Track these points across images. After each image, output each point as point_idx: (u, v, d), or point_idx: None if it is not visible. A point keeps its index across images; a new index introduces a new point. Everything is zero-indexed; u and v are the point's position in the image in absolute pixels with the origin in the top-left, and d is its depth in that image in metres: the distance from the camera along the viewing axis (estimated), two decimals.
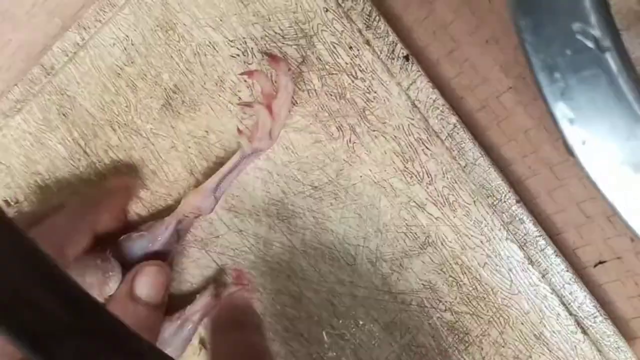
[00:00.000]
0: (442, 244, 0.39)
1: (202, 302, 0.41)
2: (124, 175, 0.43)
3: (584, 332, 0.37)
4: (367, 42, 0.38)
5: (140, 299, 0.37)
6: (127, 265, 0.39)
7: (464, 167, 0.38)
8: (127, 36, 0.42)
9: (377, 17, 0.38)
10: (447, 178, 0.38)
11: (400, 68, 0.38)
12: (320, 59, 0.39)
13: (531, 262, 0.37)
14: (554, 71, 0.24)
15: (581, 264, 0.39)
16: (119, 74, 0.43)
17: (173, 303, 0.41)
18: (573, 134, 0.24)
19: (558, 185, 0.38)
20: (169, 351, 0.39)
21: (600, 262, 0.38)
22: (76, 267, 0.35)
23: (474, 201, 0.38)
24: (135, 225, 0.42)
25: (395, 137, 0.39)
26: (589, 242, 0.38)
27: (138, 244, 0.40)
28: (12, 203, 0.47)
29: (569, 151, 0.25)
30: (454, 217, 0.38)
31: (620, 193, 0.24)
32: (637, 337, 0.39)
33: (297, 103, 0.40)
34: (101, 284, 0.36)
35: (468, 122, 0.39)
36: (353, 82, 0.39)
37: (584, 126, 0.24)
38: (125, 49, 0.43)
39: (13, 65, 0.47)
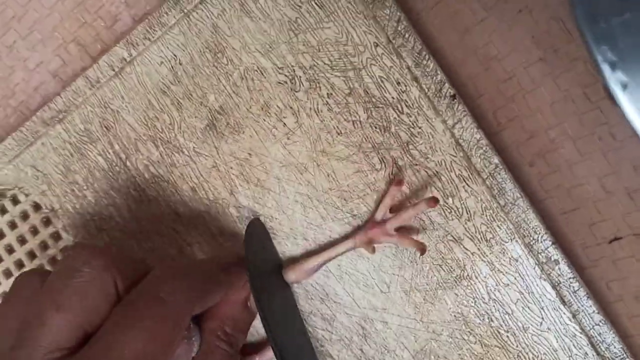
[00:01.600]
0: (476, 278, 0.40)
1: (270, 354, 0.42)
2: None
3: None
4: (415, 79, 0.39)
5: (251, 307, 0.40)
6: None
7: (503, 206, 0.39)
8: (175, 55, 0.43)
9: (427, 56, 0.39)
10: (486, 215, 0.39)
11: (447, 106, 0.39)
12: (367, 92, 0.40)
13: (563, 302, 0.39)
14: (596, 14, 0.24)
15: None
16: (165, 92, 0.44)
17: None
18: (615, 77, 0.24)
19: (581, 160, 0.39)
20: None
21: (617, 238, 0.39)
22: None
23: (511, 239, 0.39)
24: None
25: (437, 172, 0.40)
26: (606, 218, 0.39)
27: None
28: (46, 210, 0.48)
29: (610, 96, 0.25)
30: (490, 253, 0.40)
31: None
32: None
33: (341, 133, 0.41)
34: (187, 353, 0.36)
35: (492, 93, 0.40)
36: (399, 116, 0.40)
37: (626, 70, 0.24)
38: (172, 67, 0.43)
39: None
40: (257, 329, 0.44)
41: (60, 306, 0.31)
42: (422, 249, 0.39)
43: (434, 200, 0.38)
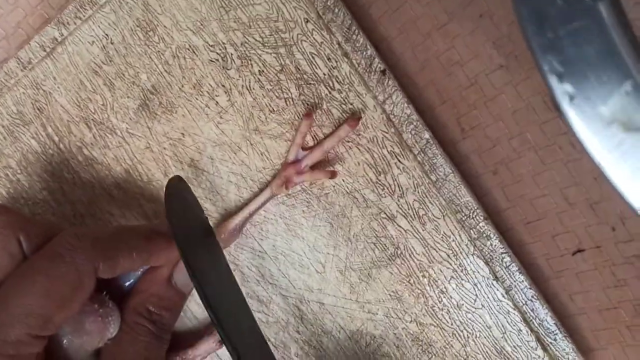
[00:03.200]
0: (410, 256, 0.40)
1: (205, 347, 0.41)
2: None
3: (544, 348, 0.38)
4: (346, 55, 0.39)
5: (175, 284, 0.38)
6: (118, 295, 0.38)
7: (435, 182, 0.38)
8: (107, 35, 0.42)
9: (357, 31, 0.39)
10: (418, 192, 0.39)
11: (377, 82, 0.39)
12: (298, 68, 0.40)
13: (496, 278, 0.38)
14: (543, 22, 0.23)
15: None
16: (97, 72, 0.43)
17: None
18: (561, 89, 0.24)
19: (543, 170, 0.39)
20: None
21: (579, 250, 0.39)
22: (74, 315, 0.33)
23: (443, 216, 0.39)
24: None
25: (369, 149, 0.39)
26: (568, 229, 0.39)
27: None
28: None
29: (557, 107, 0.24)
30: (423, 230, 0.39)
31: (608, 152, 0.24)
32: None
33: (274, 110, 0.40)
34: (102, 330, 0.35)
35: (456, 99, 0.40)
36: (330, 92, 0.39)
37: (573, 81, 0.23)
38: (104, 47, 0.43)
39: None
40: (195, 314, 0.43)
41: None
42: (333, 173, 0.39)
43: (356, 120, 0.38)
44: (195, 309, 0.43)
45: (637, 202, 0.24)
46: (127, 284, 0.38)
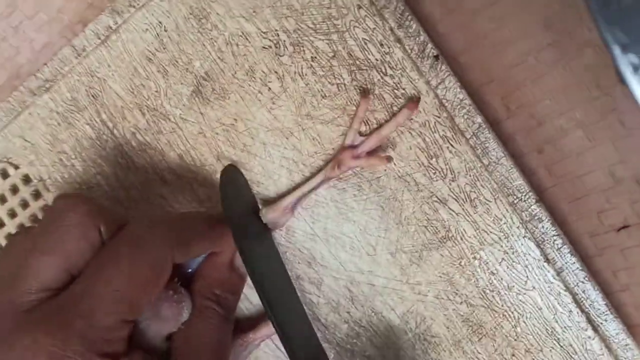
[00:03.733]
0: (461, 238, 0.40)
1: (265, 330, 0.42)
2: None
3: (595, 329, 0.39)
4: (398, 41, 0.40)
5: (238, 269, 0.40)
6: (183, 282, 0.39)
7: (487, 165, 0.39)
8: (160, 22, 0.43)
9: (410, 17, 0.39)
10: (470, 175, 0.39)
11: (430, 67, 0.39)
12: (351, 55, 0.40)
13: (547, 260, 0.39)
14: None
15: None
16: (151, 59, 0.44)
17: None
18: (625, 59, 0.24)
19: (590, 147, 0.39)
20: None
21: (625, 227, 0.39)
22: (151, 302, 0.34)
23: (495, 199, 0.39)
24: None
25: (421, 133, 0.40)
26: (614, 205, 0.39)
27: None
28: (35, 180, 0.48)
29: (621, 78, 0.24)
30: (475, 213, 0.40)
31: None
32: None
33: (326, 96, 0.41)
34: (177, 316, 0.36)
35: (502, 78, 0.40)
36: (382, 78, 0.40)
37: (637, 52, 0.24)
38: (158, 35, 0.43)
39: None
40: (251, 300, 0.45)
41: (44, 250, 0.32)
42: (388, 158, 0.39)
43: (415, 103, 0.39)
44: (249, 293, 0.44)
45: None
46: (189, 270, 0.40)
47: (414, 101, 0.39)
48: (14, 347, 0.29)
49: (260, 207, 0.42)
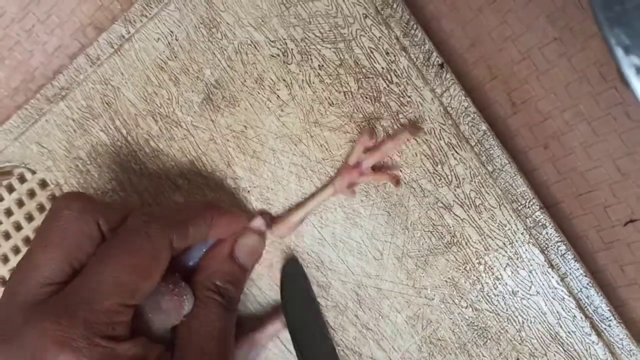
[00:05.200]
0: (466, 243, 0.41)
1: (271, 329, 0.44)
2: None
3: (599, 334, 0.39)
4: (404, 49, 0.40)
5: (238, 259, 0.41)
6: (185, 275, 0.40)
7: (492, 172, 0.40)
8: (172, 32, 0.44)
9: (415, 25, 0.40)
10: (475, 182, 0.40)
11: (435, 75, 0.40)
12: (357, 63, 0.41)
13: (551, 266, 0.39)
14: None
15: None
16: (162, 67, 0.45)
17: None
18: (628, 61, 0.24)
19: (596, 141, 0.39)
20: None
21: (632, 221, 0.40)
22: (150, 295, 0.35)
23: (500, 205, 0.40)
24: None
25: (426, 140, 0.41)
26: (621, 200, 0.40)
27: (195, 248, 0.41)
28: (52, 185, 0.49)
29: (623, 80, 0.25)
30: (479, 219, 0.40)
31: None
32: None
33: (333, 103, 0.42)
34: (178, 308, 0.37)
35: (507, 74, 0.41)
36: (388, 86, 0.41)
37: None
38: (169, 43, 0.44)
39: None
40: (260, 301, 0.46)
41: (46, 245, 0.34)
42: (397, 179, 0.41)
43: (417, 129, 0.40)
44: (257, 293, 0.45)
45: None
46: (191, 263, 0.41)
47: (416, 127, 0.39)
48: (24, 339, 0.31)
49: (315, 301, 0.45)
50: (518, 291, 0.41)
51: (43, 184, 0.50)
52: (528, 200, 0.39)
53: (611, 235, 0.40)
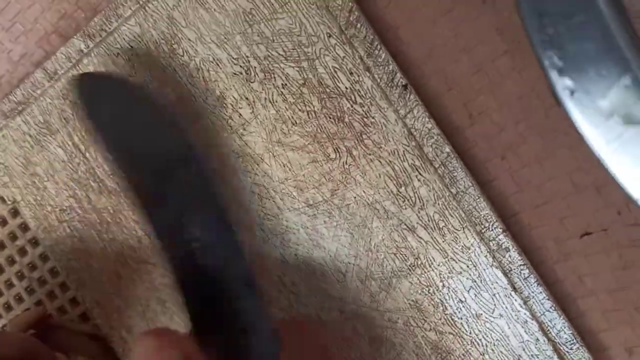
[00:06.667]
0: (430, 266, 0.40)
1: None
2: None
3: (561, 358, 0.39)
4: (368, 69, 0.40)
5: None
6: None
7: (455, 194, 0.39)
8: (132, 47, 0.43)
9: (379, 46, 0.39)
10: (438, 204, 0.40)
11: (399, 96, 0.39)
12: (321, 82, 0.40)
13: (514, 289, 0.39)
14: (543, 17, 0.24)
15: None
16: None
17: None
18: (562, 83, 0.24)
19: (549, 155, 0.39)
20: None
21: (587, 233, 0.40)
22: None
23: (463, 228, 0.39)
24: None
25: (390, 161, 0.40)
26: (576, 212, 0.40)
27: None
28: (9, 202, 0.48)
29: (558, 101, 0.24)
30: (443, 241, 0.40)
31: (608, 144, 0.24)
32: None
33: (296, 123, 0.41)
34: None
35: (463, 85, 0.40)
36: (352, 106, 0.40)
37: (573, 76, 0.24)
38: (129, 59, 0.43)
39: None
40: None
41: None
42: None
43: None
44: None
45: (636, 193, 0.25)
46: None
47: None
48: None
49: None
50: (481, 314, 0.40)
51: (2, 199, 0.48)
52: (491, 223, 0.39)
53: (569, 246, 0.40)
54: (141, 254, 0.45)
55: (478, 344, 0.40)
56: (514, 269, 0.39)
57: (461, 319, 0.41)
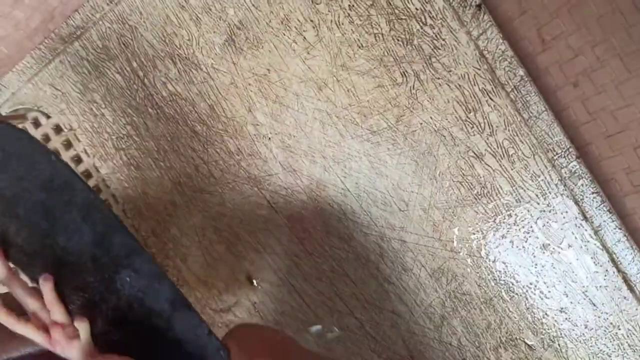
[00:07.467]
0: (497, 195, 0.39)
1: None
2: None
3: (631, 289, 0.38)
4: None
5: None
6: None
7: (527, 120, 0.38)
8: None
9: None
10: (509, 130, 0.38)
11: (472, 17, 0.38)
12: (390, 3, 0.39)
13: (585, 218, 0.38)
14: None
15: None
16: (184, 6, 0.43)
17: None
18: None
19: (629, 77, 0.38)
20: None
21: None
22: None
23: (534, 154, 0.38)
24: None
25: (459, 86, 0.39)
26: None
27: None
28: (66, 129, 0.48)
29: None
30: (512, 169, 0.39)
31: None
32: None
33: (362, 46, 0.40)
34: None
35: (537, 8, 0.39)
36: (422, 28, 0.39)
37: None
38: None
39: None
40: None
41: None
42: None
43: None
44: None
45: None
46: None
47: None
48: None
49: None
50: (549, 244, 0.39)
51: (57, 129, 0.48)
52: (564, 150, 0.38)
53: None
54: (198, 182, 0.45)
55: (544, 275, 0.39)
56: (586, 197, 0.38)
57: (527, 249, 0.40)
